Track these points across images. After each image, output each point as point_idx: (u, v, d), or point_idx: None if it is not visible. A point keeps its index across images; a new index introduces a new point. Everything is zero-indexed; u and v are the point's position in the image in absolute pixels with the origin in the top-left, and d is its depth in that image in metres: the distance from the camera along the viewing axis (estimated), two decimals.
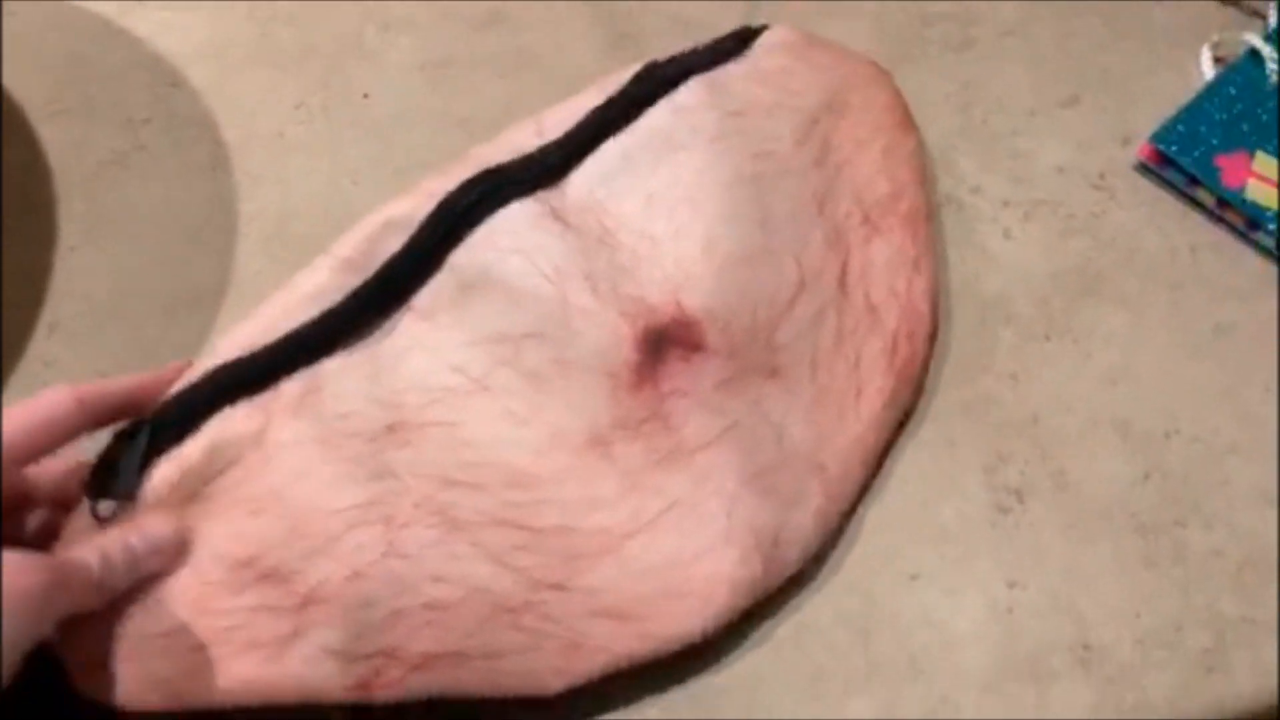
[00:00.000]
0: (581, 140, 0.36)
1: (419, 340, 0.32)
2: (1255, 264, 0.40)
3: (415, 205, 0.34)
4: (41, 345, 0.37)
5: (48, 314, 0.37)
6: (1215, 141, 0.41)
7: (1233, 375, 0.37)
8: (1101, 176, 0.42)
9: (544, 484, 0.31)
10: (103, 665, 0.29)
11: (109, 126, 0.41)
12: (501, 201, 0.34)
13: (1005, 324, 0.38)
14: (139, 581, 0.29)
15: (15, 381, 0.36)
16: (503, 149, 0.36)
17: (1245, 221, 0.40)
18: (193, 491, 0.30)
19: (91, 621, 0.29)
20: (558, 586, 0.30)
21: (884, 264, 0.37)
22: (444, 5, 0.45)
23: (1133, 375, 0.37)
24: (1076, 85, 0.45)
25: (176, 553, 0.29)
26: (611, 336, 0.33)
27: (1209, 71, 0.44)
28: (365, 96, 0.43)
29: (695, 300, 0.34)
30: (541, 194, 0.35)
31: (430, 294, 0.33)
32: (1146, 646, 0.33)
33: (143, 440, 0.29)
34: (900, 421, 0.36)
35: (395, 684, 0.29)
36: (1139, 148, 0.42)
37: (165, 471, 0.30)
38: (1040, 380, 0.37)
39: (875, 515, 0.35)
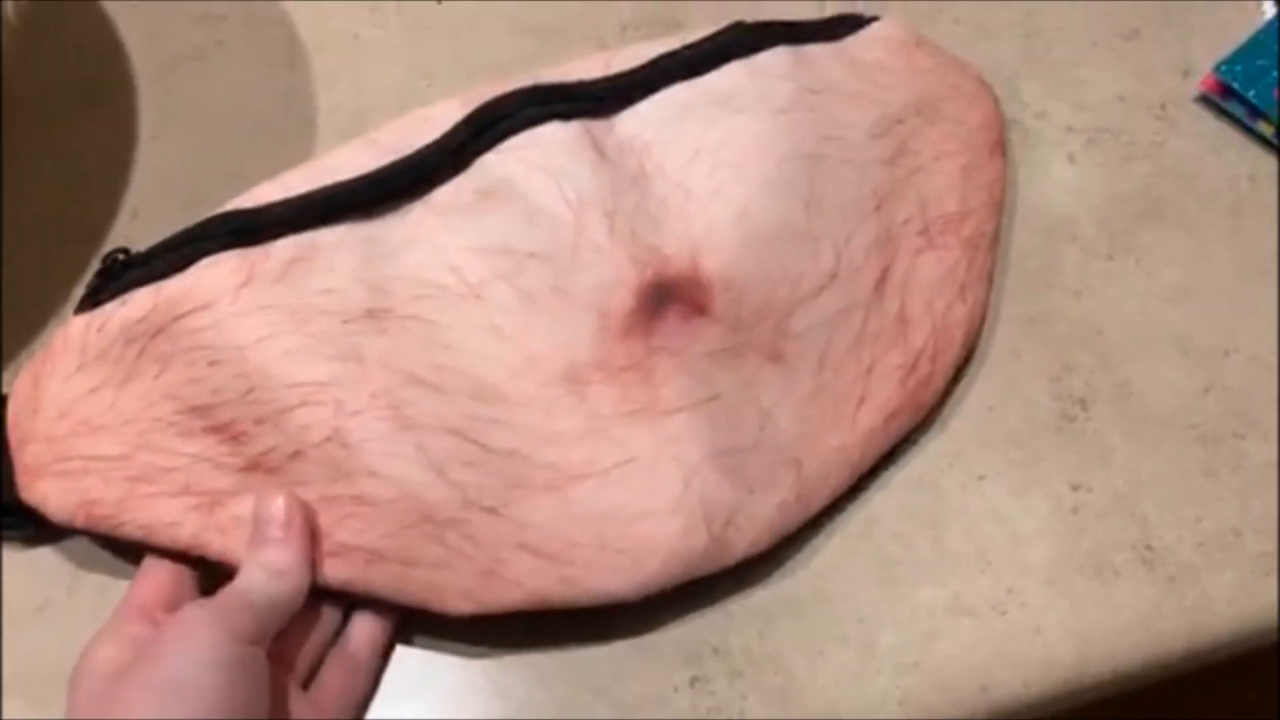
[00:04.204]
0: (642, 80, 0.35)
1: (425, 233, 0.32)
2: None
3: (459, 107, 0.34)
4: (125, 227, 0.37)
5: (130, 199, 0.38)
6: (1276, 74, 0.42)
7: None
8: (1162, 107, 0.43)
9: (508, 405, 0.31)
10: (42, 475, 0.30)
11: (187, 21, 0.42)
12: (543, 118, 0.33)
13: (1069, 243, 0.39)
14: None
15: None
16: (565, 75, 0.35)
17: None
18: (161, 325, 0.30)
19: (41, 433, 0.30)
20: (490, 510, 0.30)
21: (929, 280, 0.35)
22: None
23: (1193, 294, 0.38)
24: (1137, 19, 0.45)
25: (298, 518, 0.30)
26: (615, 276, 0.32)
27: (1270, 10, 0.45)
28: (438, 1, 0.43)
29: (713, 264, 0.33)
30: (587, 122, 0.34)
31: (449, 192, 0.33)
32: (1207, 549, 0.33)
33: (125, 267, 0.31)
34: (896, 443, 0.34)
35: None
36: (1201, 79, 0.43)
37: (142, 299, 0.31)
38: (1103, 297, 0.38)
39: (941, 420, 0.35)
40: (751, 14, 0.44)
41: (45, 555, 0.32)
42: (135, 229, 0.37)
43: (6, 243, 0.37)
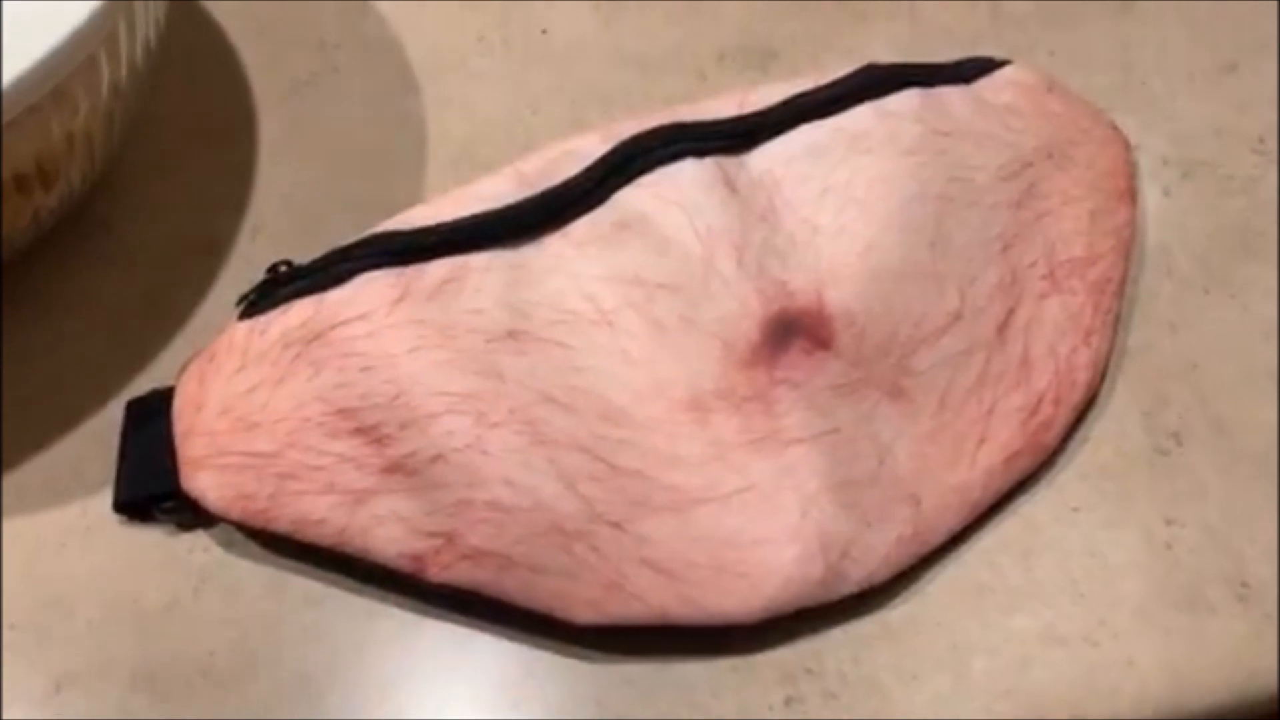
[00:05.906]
0: (776, 119, 0.36)
1: (563, 263, 0.34)
2: None
3: (600, 142, 0.36)
4: (246, 246, 0.39)
5: (251, 218, 0.40)
6: None
7: None
8: (1261, 140, 0.43)
9: (634, 426, 0.32)
10: (202, 467, 0.32)
11: (303, 48, 0.44)
12: (679, 155, 0.35)
13: (1165, 276, 0.39)
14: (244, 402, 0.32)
15: (225, 277, 0.38)
16: (701, 113, 0.37)
17: None
18: (319, 332, 0.32)
19: (204, 428, 0.32)
20: (615, 525, 0.31)
21: (1053, 324, 0.36)
22: None
23: None
24: (1235, 52, 0.45)
25: None
26: (741, 309, 0.33)
27: None
28: (543, 32, 0.45)
29: (837, 298, 0.34)
30: (720, 159, 0.35)
31: (587, 224, 0.35)
32: None
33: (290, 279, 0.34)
34: (1014, 486, 0.34)
35: (446, 567, 0.31)
36: None
37: (303, 308, 0.33)
38: (1199, 331, 0.38)
39: None
40: (844, 42, 0.45)
41: (173, 557, 0.34)
42: (256, 246, 0.39)
43: (138, 254, 0.39)
